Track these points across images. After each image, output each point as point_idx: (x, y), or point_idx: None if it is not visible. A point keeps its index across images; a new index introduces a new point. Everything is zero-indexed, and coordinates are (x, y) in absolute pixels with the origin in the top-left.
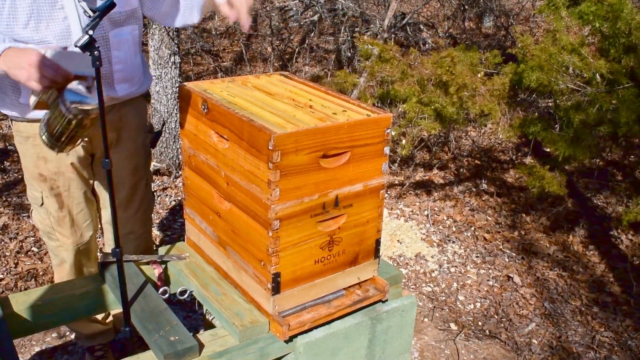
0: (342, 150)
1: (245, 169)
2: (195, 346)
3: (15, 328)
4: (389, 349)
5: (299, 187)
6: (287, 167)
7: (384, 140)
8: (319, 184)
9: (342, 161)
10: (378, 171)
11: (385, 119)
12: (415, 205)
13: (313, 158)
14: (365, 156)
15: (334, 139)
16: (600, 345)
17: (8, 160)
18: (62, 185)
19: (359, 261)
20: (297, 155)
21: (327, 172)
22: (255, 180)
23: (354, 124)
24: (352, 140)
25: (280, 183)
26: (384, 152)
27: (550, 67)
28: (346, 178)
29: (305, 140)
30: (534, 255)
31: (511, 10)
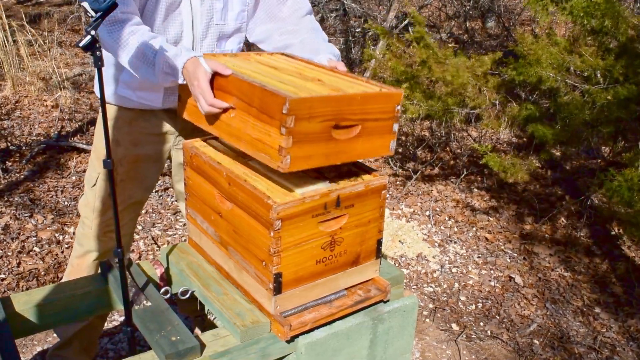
0: (353, 122)
1: (254, 137)
2: (196, 346)
3: (17, 328)
4: (390, 349)
5: (309, 156)
6: (299, 134)
7: (393, 117)
8: (329, 155)
9: (353, 134)
10: (386, 148)
11: (397, 95)
12: (416, 206)
13: (325, 127)
14: (375, 131)
15: (346, 109)
16: (602, 346)
17: (10, 160)
18: (121, 173)
19: (360, 261)
20: (309, 122)
21: (338, 144)
22: (264, 148)
23: (367, 96)
24: (364, 113)
25: (291, 150)
26: (392, 129)
27: (548, 64)
28: (355, 152)
29: (319, 107)
30: (535, 255)
31: (513, 10)
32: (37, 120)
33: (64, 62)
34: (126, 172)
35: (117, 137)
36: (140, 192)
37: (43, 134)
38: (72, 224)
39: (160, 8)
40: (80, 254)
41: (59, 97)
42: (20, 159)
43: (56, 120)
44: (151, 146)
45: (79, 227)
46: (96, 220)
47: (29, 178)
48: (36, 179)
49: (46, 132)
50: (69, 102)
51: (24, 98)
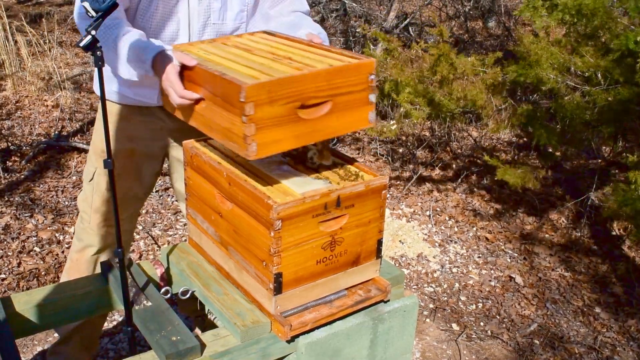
0: (321, 99)
1: (223, 127)
2: (197, 346)
3: (17, 328)
4: (390, 349)
5: (277, 141)
6: (262, 120)
7: (368, 87)
8: (299, 137)
9: (323, 111)
10: (365, 120)
11: (367, 65)
12: (417, 206)
13: (290, 109)
14: (349, 105)
15: (311, 87)
16: (603, 346)
17: (10, 160)
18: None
19: (360, 261)
20: (272, 106)
21: (308, 124)
22: (232, 137)
23: (333, 71)
24: (332, 88)
25: (256, 137)
26: (369, 100)
27: (549, 65)
28: (330, 129)
29: (280, 90)
30: (535, 255)
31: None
32: (37, 120)
33: (65, 62)
34: (122, 166)
35: (113, 131)
36: (137, 187)
37: (43, 134)
38: (73, 223)
39: (155, 6)
40: (79, 249)
41: (59, 97)
42: (21, 158)
43: (56, 120)
44: (147, 142)
45: (77, 221)
46: (94, 214)
47: (29, 178)
48: (36, 179)
49: (46, 132)
50: (69, 102)
51: (24, 98)
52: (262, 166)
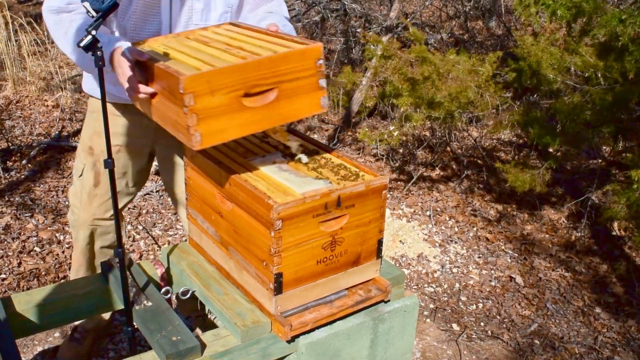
0: (266, 87)
1: (172, 119)
2: (197, 346)
3: (18, 328)
4: (391, 350)
5: (222, 130)
6: (203, 110)
7: (317, 73)
8: (245, 125)
9: (269, 99)
10: (316, 106)
11: (312, 50)
12: (417, 206)
13: (233, 98)
14: (298, 91)
15: (254, 75)
16: (603, 346)
17: (11, 160)
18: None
19: (361, 261)
20: (213, 96)
21: (254, 112)
22: (179, 128)
23: (276, 59)
24: (277, 75)
25: (199, 127)
26: (319, 85)
27: (548, 65)
28: (279, 116)
29: (220, 80)
30: (536, 255)
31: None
32: (37, 120)
33: (65, 62)
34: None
35: (99, 128)
36: (124, 183)
37: (44, 134)
38: None
39: (135, 6)
40: (74, 238)
41: (59, 97)
42: (21, 158)
43: (57, 120)
44: (131, 139)
45: (69, 214)
46: (84, 209)
47: (29, 178)
48: (37, 178)
49: (47, 132)
50: (69, 102)
51: (24, 98)
52: (263, 166)
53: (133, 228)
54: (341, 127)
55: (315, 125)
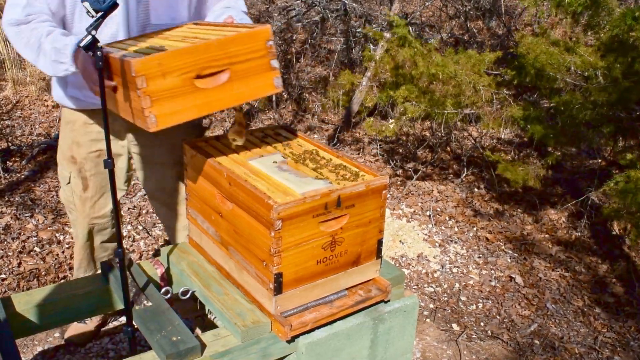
0: (217, 68)
1: (131, 107)
2: (197, 346)
3: (18, 328)
4: (391, 350)
5: (177, 112)
6: (156, 92)
7: (268, 54)
8: (200, 106)
9: (221, 80)
10: (270, 86)
11: (261, 32)
12: (417, 206)
13: (186, 80)
14: (250, 72)
15: (205, 57)
16: (603, 346)
17: (11, 161)
18: (89, 169)
19: (361, 261)
20: (165, 79)
21: (207, 93)
22: (137, 113)
23: (225, 41)
24: (228, 57)
25: (153, 109)
26: (271, 66)
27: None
28: (232, 97)
29: (171, 62)
30: (536, 255)
31: (514, 11)
32: (37, 120)
33: None
34: (94, 166)
35: (77, 138)
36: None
37: (44, 134)
38: None
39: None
40: (75, 236)
41: None
42: (21, 158)
43: (57, 120)
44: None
45: (68, 213)
46: (80, 211)
47: (29, 178)
48: (37, 178)
49: (47, 132)
50: None
51: (24, 98)
52: (263, 166)
53: (133, 228)
54: (341, 127)
55: (315, 125)
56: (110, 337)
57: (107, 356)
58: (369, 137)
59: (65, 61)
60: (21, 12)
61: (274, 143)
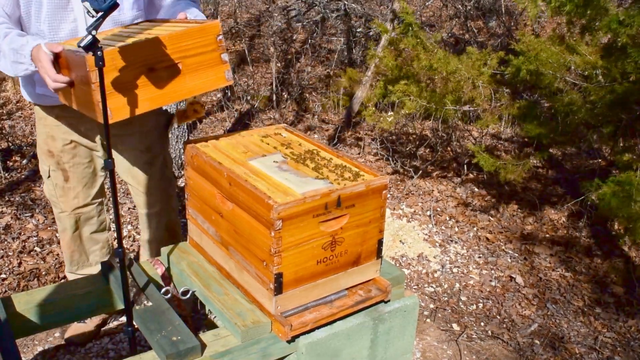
0: (170, 62)
1: (87, 101)
2: (197, 346)
3: (18, 328)
4: (391, 350)
5: (131, 104)
6: (110, 86)
7: (218, 48)
8: (154, 99)
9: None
10: (222, 79)
11: (211, 26)
12: (417, 206)
13: (138, 74)
14: (202, 65)
15: (156, 52)
16: (603, 346)
17: (11, 160)
18: (67, 161)
19: (361, 261)
20: (119, 73)
21: (161, 87)
22: (92, 107)
23: (175, 36)
24: (179, 51)
25: (109, 103)
26: (222, 60)
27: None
28: (186, 89)
29: (124, 57)
30: (536, 255)
31: (514, 10)
32: None
33: None
34: (71, 158)
35: (51, 132)
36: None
37: None
38: None
39: (46, 9)
40: (61, 230)
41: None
42: (21, 158)
43: None
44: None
45: (53, 208)
46: (62, 203)
47: (30, 178)
48: (37, 178)
49: None
50: None
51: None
52: (263, 166)
53: (133, 228)
54: (341, 126)
55: (315, 125)
56: (110, 337)
57: (107, 356)
58: (369, 136)
59: (24, 61)
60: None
61: (274, 143)
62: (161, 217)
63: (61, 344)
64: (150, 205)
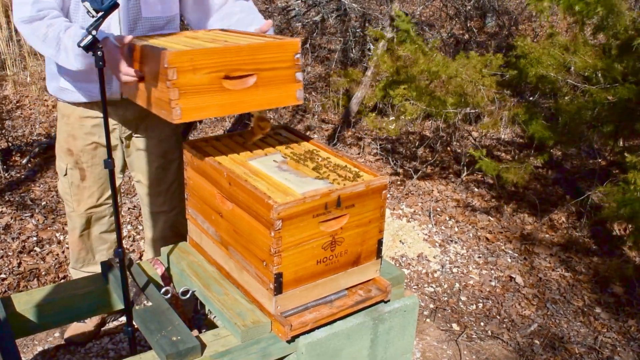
0: (246, 72)
1: (156, 97)
2: (197, 346)
3: (18, 328)
4: (391, 349)
5: (201, 108)
6: (185, 86)
7: (294, 66)
8: (224, 106)
9: (248, 84)
10: (292, 97)
11: (291, 44)
12: (417, 206)
13: (214, 78)
14: (275, 80)
15: (235, 60)
16: (603, 346)
17: (11, 160)
18: (86, 161)
19: (361, 261)
20: (195, 74)
21: (233, 94)
22: (162, 104)
23: (256, 47)
24: (256, 62)
25: (180, 101)
26: (296, 78)
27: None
28: (256, 102)
29: (203, 59)
30: (536, 255)
31: (514, 10)
32: (37, 120)
33: None
34: (90, 158)
35: (72, 131)
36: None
37: (44, 134)
38: None
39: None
40: (70, 228)
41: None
42: (21, 158)
43: (57, 120)
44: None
45: (65, 206)
46: (76, 202)
47: (29, 178)
48: (37, 178)
49: (47, 132)
50: None
51: (24, 98)
52: (263, 166)
53: (133, 228)
54: (341, 126)
55: (315, 125)
56: (110, 337)
57: (107, 356)
58: (369, 136)
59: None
60: (31, 8)
61: (274, 143)
62: (168, 216)
63: (61, 344)
64: (158, 205)
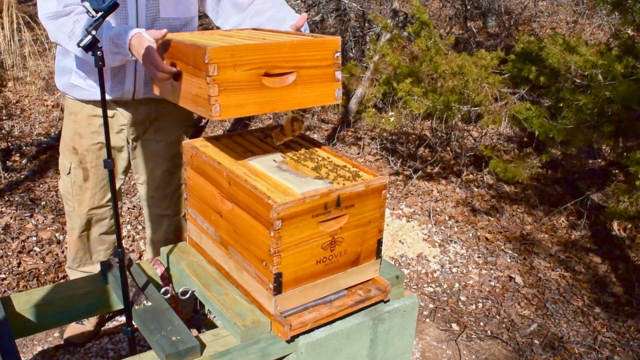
0: (286, 69)
1: (194, 94)
2: (196, 346)
3: (17, 328)
4: (390, 349)
5: (241, 105)
6: (225, 82)
7: (334, 64)
8: (263, 104)
9: (287, 82)
10: (330, 96)
11: (332, 42)
12: (417, 206)
13: (254, 75)
14: (315, 79)
15: (276, 57)
16: (602, 346)
17: (11, 160)
18: (90, 161)
19: (360, 261)
20: (235, 70)
21: (272, 92)
22: (200, 102)
23: (297, 44)
24: (297, 60)
25: (220, 98)
26: (335, 77)
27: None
28: (294, 100)
29: (244, 55)
30: (535, 255)
31: (514, 10)
32: (37, 120)
33: None
34: (95, 158)
35: (79, 130)
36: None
37: (44, 134)
38: None
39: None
40: (70, 227)
41: (59, 96)
42: (21, 158)
43: (56, 119)
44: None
45: (65, 205)
46: (77, 202)
47: (29, 178)
48: (37, 178)
49: (47, 131)
50: None
51: (24, 98)
52: (263, 166)
53: (133, 228)
54: (341, 126)
55: (315, 124)
56: (110, 337)
57: (106, 356)
58: (368, 136)
59: (120, 50)
60: (57, 4)
61: (273, 143)
62: (172, 220)
63: (60, 344)
64: (163, 208)
